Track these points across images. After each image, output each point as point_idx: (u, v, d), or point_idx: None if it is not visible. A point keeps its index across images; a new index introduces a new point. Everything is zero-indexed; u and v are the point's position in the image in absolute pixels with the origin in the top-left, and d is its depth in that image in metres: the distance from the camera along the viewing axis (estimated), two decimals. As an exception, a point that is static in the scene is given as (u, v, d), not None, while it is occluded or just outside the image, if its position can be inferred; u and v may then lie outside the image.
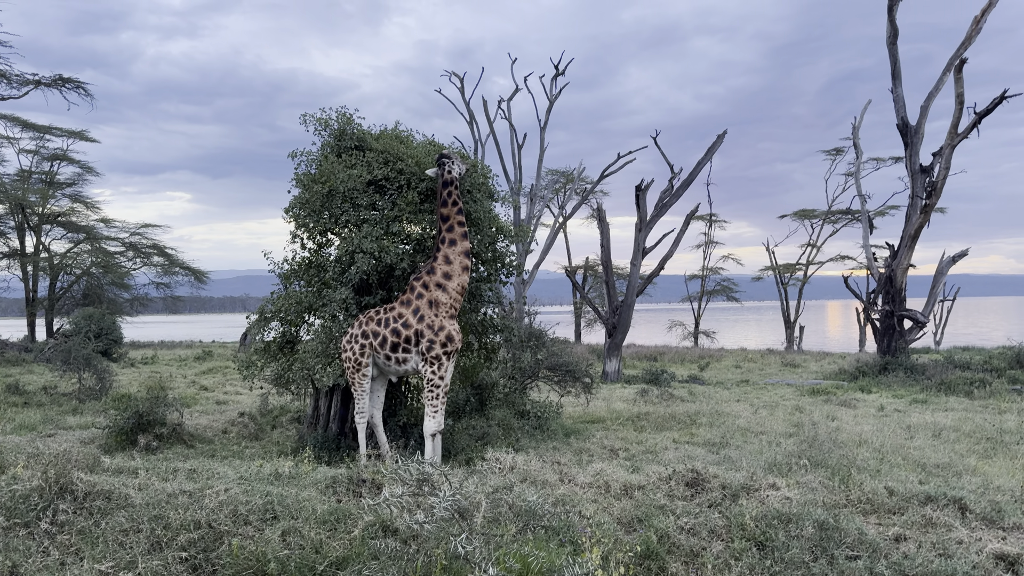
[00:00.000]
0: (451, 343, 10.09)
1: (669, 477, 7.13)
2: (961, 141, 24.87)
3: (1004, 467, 10.53)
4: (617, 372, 26.44)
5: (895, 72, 26.46)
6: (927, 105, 26.14)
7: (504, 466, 7.46)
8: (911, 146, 26.24)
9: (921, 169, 26.00)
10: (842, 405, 17.91)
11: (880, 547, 5.53)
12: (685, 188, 27.98)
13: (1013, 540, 5.76)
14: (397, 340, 10.29)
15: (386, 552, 5.01)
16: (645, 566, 5.30)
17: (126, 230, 46.19)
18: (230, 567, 5.11)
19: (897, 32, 26.33)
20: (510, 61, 41.40)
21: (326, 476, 7.04)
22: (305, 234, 12.24)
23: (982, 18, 24.75)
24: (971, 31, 24.91)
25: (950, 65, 25.19)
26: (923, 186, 25.87)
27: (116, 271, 45.07)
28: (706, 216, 51.72)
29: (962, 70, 24.62)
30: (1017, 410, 16.22)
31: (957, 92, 24.64)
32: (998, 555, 5.45)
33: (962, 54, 24.75)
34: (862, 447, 11.91)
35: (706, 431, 14.12)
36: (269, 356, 12.47)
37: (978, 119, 24.38)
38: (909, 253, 26.67)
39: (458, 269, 10.19)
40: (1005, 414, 15.69)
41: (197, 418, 14.98)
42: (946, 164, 25.22)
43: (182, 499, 5.99)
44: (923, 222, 26.10)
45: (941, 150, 25.38)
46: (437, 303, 10.16)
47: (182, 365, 30.45)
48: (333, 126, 12.42)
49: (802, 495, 6.66)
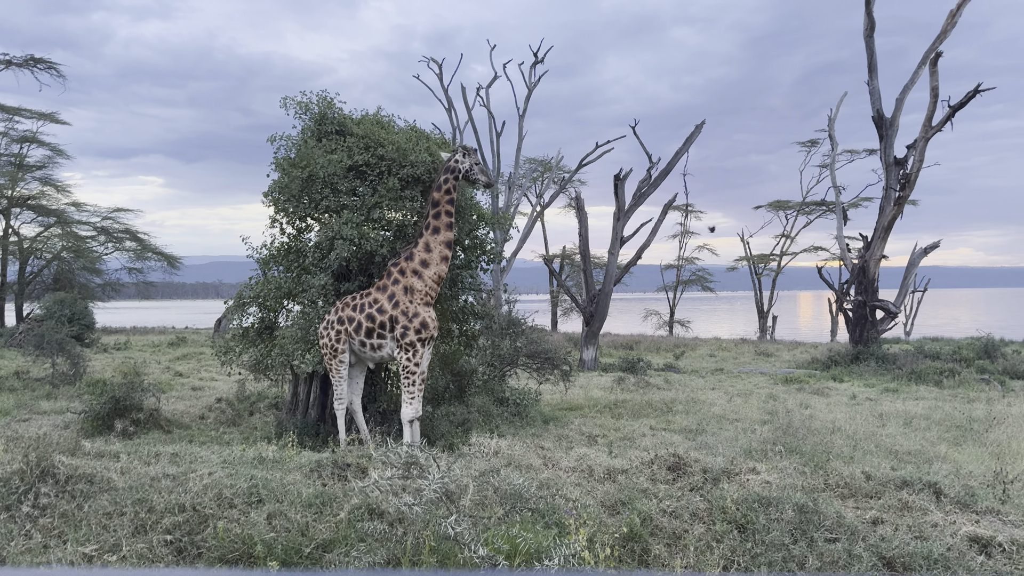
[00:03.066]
0: (425, 330, 10.00)
1: (651, 461, 7.22)
2: (935, 134, 25.24)
3: (974, 454, 10.78)
4: (594, 360, 26.59)
5: (871, 64, 26.75)
6: (902, 98, 26.47)
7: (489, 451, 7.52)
8: (886, 138, 26.58)
9: (895, 161, 26.36)
10: (815, 393, 18.19)
11: (858, 530, 5.66)
12: (663, 178, 28.13)
13: (986, 523, 5.92)
14: (372, 326, 10.23)
15: (374, 534, 5.03)
16: (629, 548, 5.37)
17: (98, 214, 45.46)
18: (216, 550, 5.10)
19: (874, 25, 26.61)
20: (489, 48, 41.28)
21: (310, 460, 7.04)
22: (284, 219, 12.15)
23: (958, 12, 25.09)
24: (946, 25, 25.24)
25: (925, 58, 25.52)
26: (897, 178, 26.23)
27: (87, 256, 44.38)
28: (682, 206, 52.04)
29: (937, 64, 24.96)
30: (985, 399, 16.58)
31: (932, 85, 24.98)
32: (972, 537, 5.60)
33: (937, 48, 25.08)
34: (835, 434, 12.12)
35: (682, 418, 14.28)
36: (247, 342, 12.39)
37: (952, 112, 24.75)
38: (882, 244, 27.06)
39: (437, 258, 10.09)
40: (974, 403, 16.03)
41: (173, 404, 14.86)
42: (920, 157, 25.59)
43: (166, 482, 5.96)
44: (896, 214, 26.48)
45: (915, 143, 25.74)
46: (412, 290, 10.07)
47: (156, 351, 30.13)
48: (314, 110, 12.32)
49: (781, 479, 6.78)
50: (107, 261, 46.71)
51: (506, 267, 39.73)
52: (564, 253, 52.44)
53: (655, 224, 28.88)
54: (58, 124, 44.00)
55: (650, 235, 28.75)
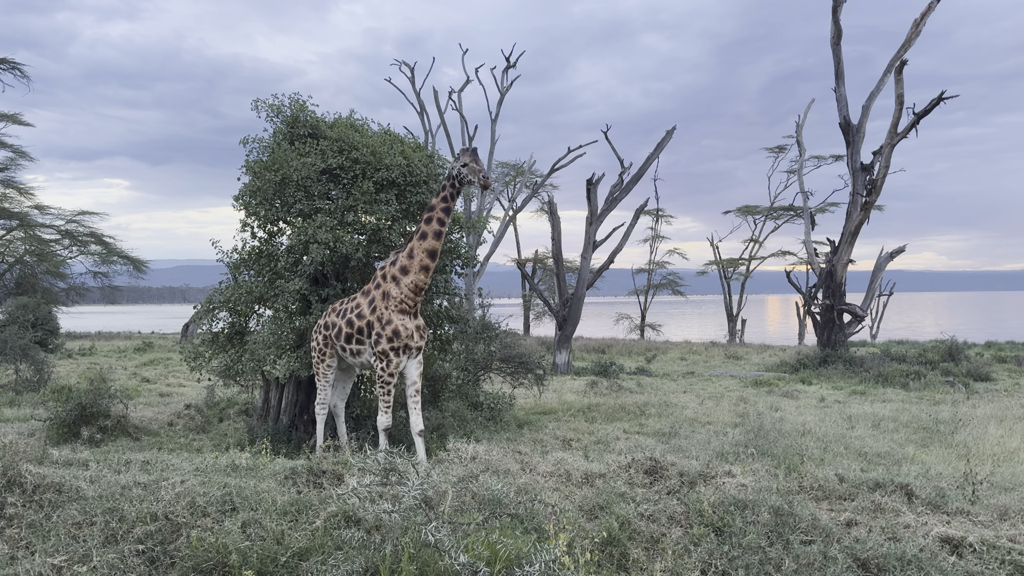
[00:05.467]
0: (397, 339, 9.61)
1: (629, 465, 7.24)
2: (900, 140, 25.70)
3: (941, 455, 10.96)
4: (567, 364, 26.64)
5: (838, 72, 27.16)
6: (868, 105, 26.92)
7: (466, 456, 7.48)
8: (853, 144, 27.00)
9: (862, 167, 26.78)
10: (784, 396, 18.39)
11: (833, 532, 5.72)
12: (635, 183, 28.30)
13: (957, 524, 6.02)
14: (351, 331, 10.05)
15: (351, 542, 4.98)
16: (608, 552, 5.38)
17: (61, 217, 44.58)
18: (189, 559, 5.01)
19: (841, 33, 27.03)
20: (461, 52, 41.26)
21: (285, 467, 6.95)
22: (256, 223, 12.02)
23: (921, 21, 25.59)
24: (911, 34, 25.72)
25: (891, 66, 25.99)
26: (864, 184, 26.65)
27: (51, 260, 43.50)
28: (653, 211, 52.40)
29: (902, 71, 25.42)
30: (951, 401, 16.88)
31: (897, 93, 25.44)
32: (943, 538, 5.69)
33: (902, 56, 25.56)
34: (806, 437, 12.26)
35: (655, 421, 14.35)
36: (217, 347, 12.23)
37: (917, 119, 25.22)
38: (849, 249, 27.47)
39: (416, 266, 9.67)
40: (939, 405, 16.31)
41: (141, 410, 14.60)
42: (886, 163, 26.03)
43: (137, 491, 5.84)
44: (863, 219, 26.89)
45: (881, 149, 26.18)
46: (388, 295, 9.79)
47: (122, 356, 29.61)
48: (286, 112, 12.22)
49: (756, 482, 6.84)
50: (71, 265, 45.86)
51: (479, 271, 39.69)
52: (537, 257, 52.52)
53: (627, 228, 29.06)
54: (21, 125, 43.04)
55: (622, 239, 28.91)
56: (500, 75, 40.93)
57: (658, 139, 29.07)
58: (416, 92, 41.23)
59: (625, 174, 28.70)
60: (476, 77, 41.30)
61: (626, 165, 28.88)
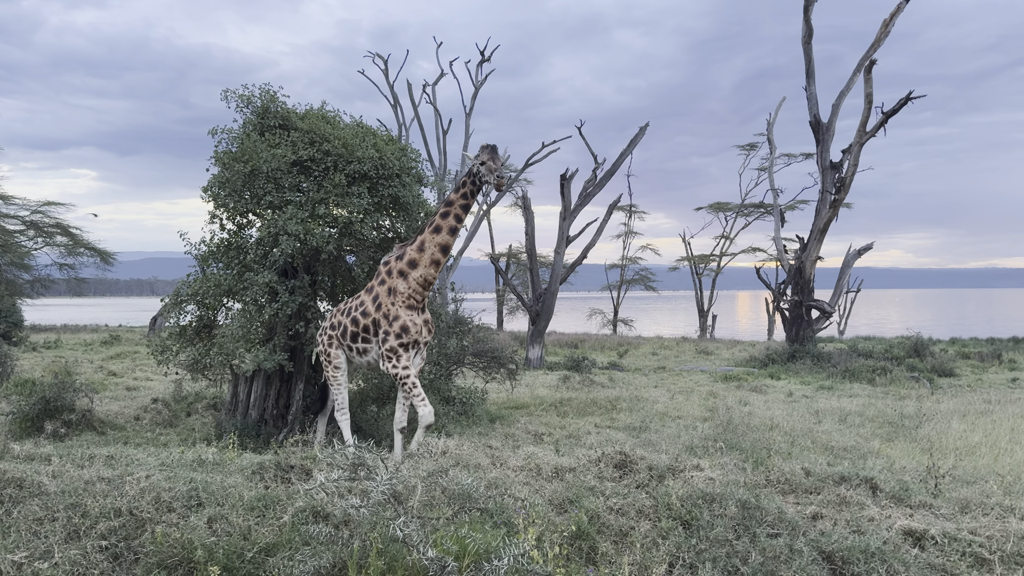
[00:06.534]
0: (406, 334, 9.31)
1: (598, 459, 7.27)
2: (869, 139, 26.06)
3: (905, 449, 11.15)
4: (540, 359, 26.70)
5: (809, 71, 27.45)
6: (838, 103, 27.24)
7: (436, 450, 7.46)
8: (822, 143, 27.32)
9: (831, 165, 27.12)
10: (753, 391, 18.60)
11: (799, 525, 5.79)
12: (608, 178, 28.41)
13: (919, 517, 6.12)
14: (356, 329, 9.72)
15: (319, 537, 4.94)
16: (577, 546, 5.39)
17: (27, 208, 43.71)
18: (153, 555, 4.94)
19: (812, 32, 27.31)
20: (435, 45, 41.07)
21: (252, 462, 6.88)
22: (225, 214, 11.87)
23: (891, 22, 25.93)
24: (880, 34, 26.06)
25: (860, 66, 26.31)
26: (833, 182, 26.99)
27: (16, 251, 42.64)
28: (626, 207, 52.61)
29: (871, 71, 25.75)
30: (916, 396, 17.18)
31: (867, 92, 25.77)
32: (906, 531, 5.79)
33: (872, 55, 25.88)
34: (774, 431, 12.39)
35: (626, 416, 14.44)
36: (185, 340, 12.07)
37: (885, 119, 25.58)
38: (818, 246, 27.82)
39: (427, 260, 9.34)
40: (905, 400, 16.59)
41: (107, 404, 14.38)
42: (855, 161, 26.38)
43: (100, 486, 5.75)
44: (832, 216, 27.24)
45: (850, 147, 26.52)
46: (395, 291, 9.46)
47: (88, 350, 29.14)
48: (256, 103, 12.07)
49: (724, 476, 6.90)
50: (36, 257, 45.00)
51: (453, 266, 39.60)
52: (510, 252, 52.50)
53: (600, 224, 29.17)
54: (-17, 113, 42.21)
55: (595, 235, 29.02)
56: (474, 69, 40.81)
57: (632, 135, 29.21)
58: (390, 85, 40.98)
59: (599, 170, 28.79)
60: (450, 71, 41.16)
61: (600, 161, 28.97)
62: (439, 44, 41.07)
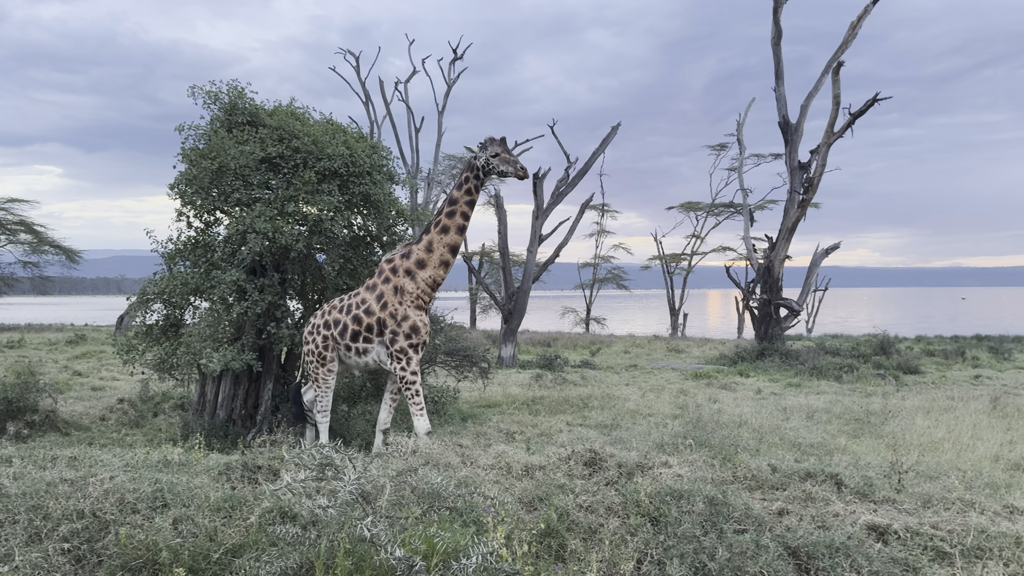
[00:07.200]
0: (416, 335, 9.11)
1: (568, 457, 7.29)
2: (837, 140, 26.41)
3: (871, 446, 11.33)
4: (512, 357, 26.71)
5: (778, 72, 27.76)
6: (807, 104, 27.58)
7: (406, 450, 7.44)
8: (791, 143, 27.64)
9: (800, 165, 27.45)
10: (723, 388, 18.78)
11: (765, 521, 5.85)
12: (580, 177, 28.50)
13: (883, 512, 6.21)
14: (358, 328, 9.38)
15: (286, 538, 4.90)
16: (546, 543, 5.41)
17: (-11, 205, 42.82)
18: (117, 557, 4.87)
19: (781, 33, 27.62)
20: (407, 42, 40.90)
21: (219, 463, 6.80)
22: (192, 212, 11.74)
23: (858, 24, 26.30)
24: (848, 36, 26.43)
25: (828, 67, 26.66)
26: (801, 182, 27.33)
27: (-23, 248, 41.78)
28: (598, 206, 52.83)
29: (839, 72, 26.11)
30: (881, 393, 17.45)
31: (835, 93, 26.13)
32: (870, 526, 5.87)
33: (839, 57, 26.24)
34: (742, 428, 12.53)
35: (598, 414, 14.50)
36: (151, 340, 11.92)
37: (852, 120, 25.94)
38: (786, 245, 28.15)
39: (436, 260, 9.17)
40: (871, 397, 16.85)
41: (72, 404, 14.13)
42: (822, 161, 26.73)
43: (63, 488, 5.64)
44: (800, 216, 27.58)
45: (818, 148, 26.87)
46: (403, 290, 9.18)
47: (53, 349, 28.62)
48: (223, 99, 11.94)
49: (692, 472, 6.95)
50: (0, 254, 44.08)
51: (424, 264, 39.46)
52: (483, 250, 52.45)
53: (573, 223, 29.25)
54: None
55: (568, 233, 29.09)
56: (447, 67, 40.72)
57: (604, 135, 29.32)
58: (362, 82, 40.75)
59: (571, 169, 28.86)
60: (423, 68, 41.03)
61: (572, 160, 29.05)
62: (411, 41, 40.95)
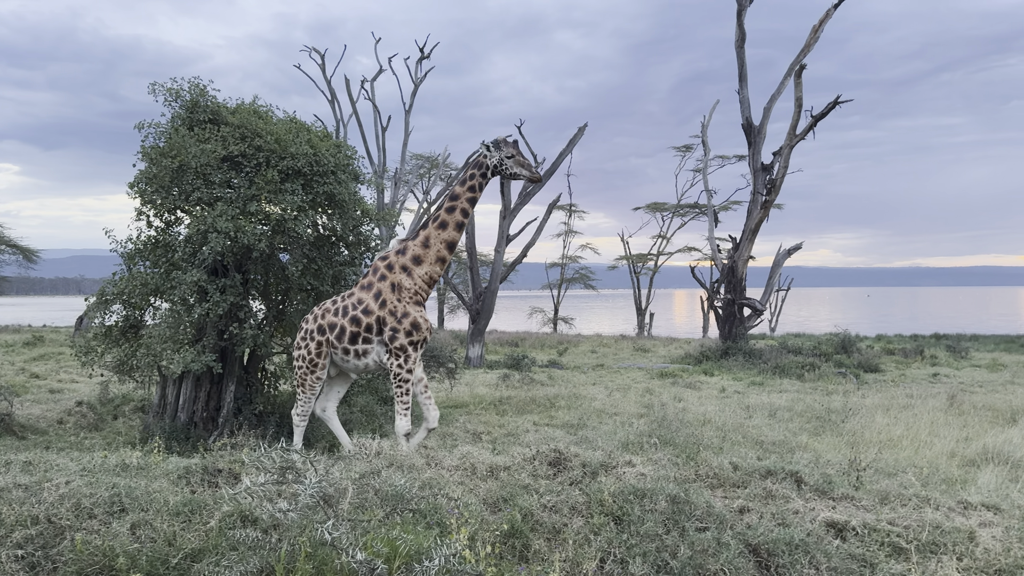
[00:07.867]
0: (417, 332, 9.00)
1: (533, 457, 7.31)
2: (799, 142, 26.81)
3: (831, 443, 11.51)
4: (480, 357, 26.69)
5: (742, 74, 28.09)
6: (770, 107, 27.95)
7: (370, 451, 7.40)
8: (754, 145, 27.99)
9: (763, 167, 27.81)
10: (688, 387, 18.95)
11: (726, 518, 5.92)
12: (548, 178, 28.56)
13: (842, 509, 6.33)
14: (357, 330, 9.16)
15: (246, 542, 4.84)
16: (510, 544, 5.41)
17: (-59, 202, 41.74)
18: (73, 563, 4.77)
19: (745, 36, 27.94)
20: (374, 41, 40.66)
21: (178, 466, 6.71)
22: (152, 211, 11.56)
23: (820, 27, 26.72)
24: (810, 39, 26.83)
25: (791, 70, 27.05)
26: (764, 183, 27.69)
27: (-72, 248, 40.62)
28: (566, 206, 53.01)
29: (801, 75, 26.51)
30: (842, 391, 17.75)
31: (797, 96, 26.51)
32: (829, 523, 5.98)
33: (802, 60, 26.63)
34: (706, 426, 12.66)
35: (564, 413, 14.55)
36: (110, 341, 11.70)
37: (814, 122, 26.36)
38: (750, 246, 28.50)
39: (433, 256, 9.12)
40: (832, 395, 17.13)
41: (28, 407, 13.81)
42: (785, 163, 27.11)
43: (17, 493, 5.52)
44: (763, 217, 27.94)
45: (781, 150, 27.25)
46: (400, 287, 9.07)
47: (9, 351, 27.94)
48: (185, 97, 11.77)
49: (656, 471, 7.01)
50: (-48, 254, 42.91)
51: (390, 264, 39.24)
52: (450, 250, 52.31)
53: (540, 223, 29.33)
54: None
55: (535, 233, 29.17)
56: (414, 66, 40.52)
57: (571, 135, 29.43)
58: (327, 80, 40.41)
59: (539, 169, 28.91)
60: (390, 67, 40.81)
61: (539, 160, 29.11)
62: (378, 40, 40.70)
